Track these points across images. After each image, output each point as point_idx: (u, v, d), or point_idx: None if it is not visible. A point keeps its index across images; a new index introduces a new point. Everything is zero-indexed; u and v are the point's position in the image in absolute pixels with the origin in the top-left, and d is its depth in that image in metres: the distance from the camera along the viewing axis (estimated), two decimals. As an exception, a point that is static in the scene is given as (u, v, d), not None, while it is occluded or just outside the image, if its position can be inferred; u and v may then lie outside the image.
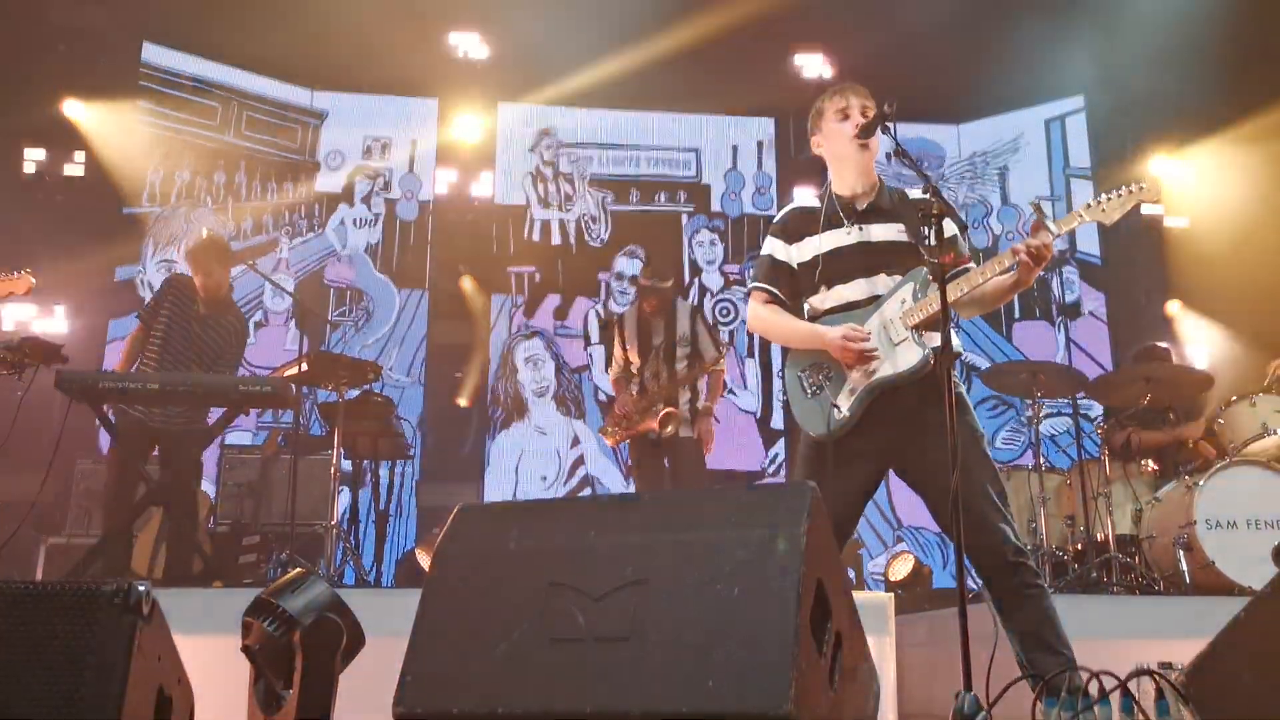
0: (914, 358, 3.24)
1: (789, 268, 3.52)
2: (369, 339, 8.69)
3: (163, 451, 5.68)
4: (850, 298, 3.41)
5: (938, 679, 4.49)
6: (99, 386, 5.05)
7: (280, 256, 8.70)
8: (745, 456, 8.61)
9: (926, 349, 3.23)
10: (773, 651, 2.02)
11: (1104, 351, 9.03)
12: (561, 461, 8.64)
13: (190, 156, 8.72)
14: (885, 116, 3.24)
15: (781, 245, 3.55)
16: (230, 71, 8.91)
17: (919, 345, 3.25)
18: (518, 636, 2.26)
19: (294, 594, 2.49)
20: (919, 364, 3.23)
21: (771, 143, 9.44)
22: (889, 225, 3.42)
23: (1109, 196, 3.24)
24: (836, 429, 3.31)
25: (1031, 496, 5.96)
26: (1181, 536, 5.11)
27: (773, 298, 3.54)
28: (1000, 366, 6.73)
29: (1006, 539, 3.12)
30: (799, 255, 3.50)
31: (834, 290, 3.43)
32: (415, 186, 9.08)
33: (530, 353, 8.87)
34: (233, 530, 6.51)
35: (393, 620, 3.13)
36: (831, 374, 3.39)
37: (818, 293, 3.46)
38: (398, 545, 8.04)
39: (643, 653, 2.13)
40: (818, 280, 3.44)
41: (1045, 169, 9.52)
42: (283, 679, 2.46)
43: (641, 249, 9.05)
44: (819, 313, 3.47)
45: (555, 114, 9.31)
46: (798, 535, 2.16)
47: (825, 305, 3.45)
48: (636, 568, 2.25)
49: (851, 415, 3.30)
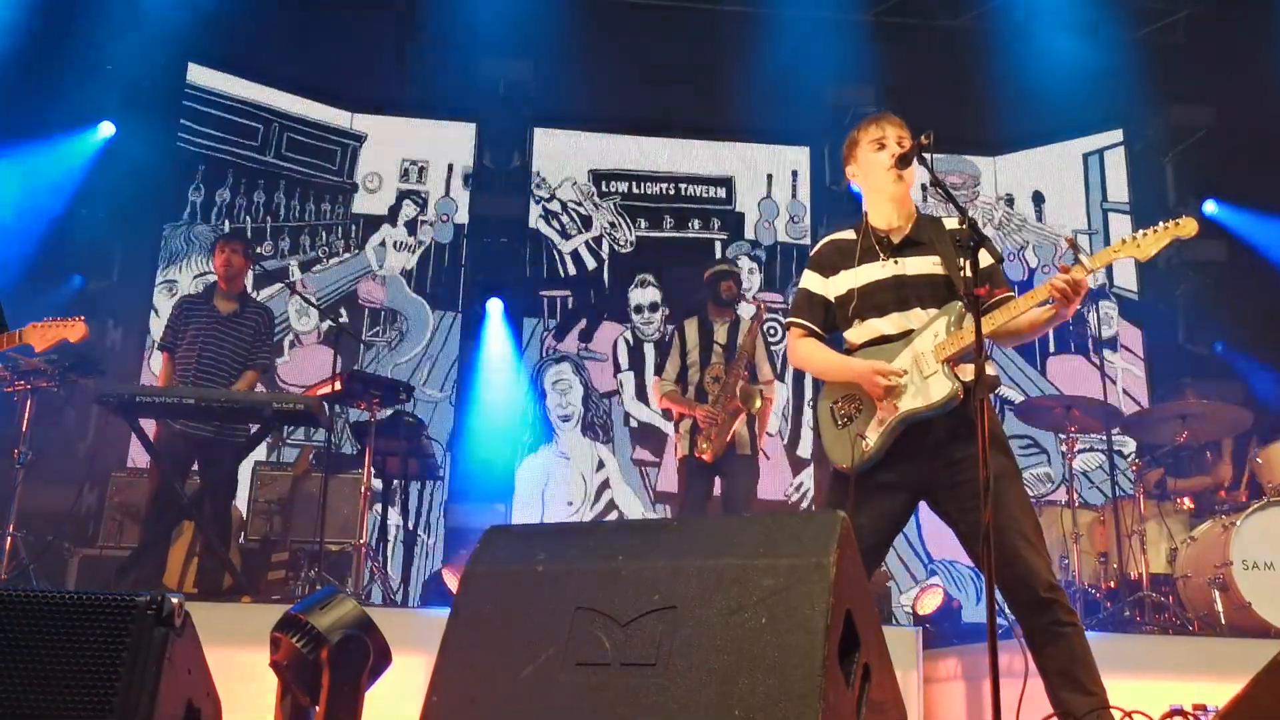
0: (943, 391, 3.21)
1: (825, 300, 3.53)
2: (402, 358, 8.75)
3: (202, 466, 5.74)
4: (884, 331, 3.40)
5: (966, 716, 4.44)
6: (136, 400, 5.11)
7: (297, 278, 8.76)
8: (769, 484, 8.58)
9: (956, 382, 3.20)
10: (800, 681, 2.00)
11: (1140, 387, 8.94)
12: (587, 486, 8.65)
13: (231, 175, 8.86)
14: (922, 147, 3.23)
15: (818, 279, 3.56)
16: (272, 93, 9.05)
17: (949, 379, 3.22)
18: (544, 660, 2.26)
19: (322, 611, 2.50)
20: (947, 397, 3.20)
21: (806, 171, 9.46)
22: (924, 258, 3.40)
23: (1145, 232, 3.21)
24: (861, 461, 3.29)
25: (1064, 533, 5.90)
26: (1217, 577, 5.03)
27: (809, 332, 3.55)
28: (1034, 401, 6.68)
29: (1038, 574, 3.09)
30: (834, 289, 3.50)
31: (868, 324, 3.42)
32: (451, 209, 9.16)
33: (558, 378, 8.89)
34: (262, 546, 6.56)
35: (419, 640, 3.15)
36: (862, 406, 3.38)
37: (852, 326, 3.46)
38: (425, 565, 8.07)
39: (669, 679, 2.12)
40: (851, 315, 3.44)
41: (1083, 203, 9.48)
42: (310, 695, 2.47)
43: (651, 275, 9.06)
44: (854, 346, 3.47)
45: (589, 140, 9.37)
46: (826, 565, 2.15)
47: (860, 339, 3.45)
48: (664, 594, 2.24)
49: (878, 449, 3.29)
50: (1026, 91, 8.67)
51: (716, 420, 5.90)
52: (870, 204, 3.55)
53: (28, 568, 5.45)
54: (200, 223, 8.73)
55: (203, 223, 8.73)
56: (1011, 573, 3.06)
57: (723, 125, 9.26)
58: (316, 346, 8.69)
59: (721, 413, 5.91)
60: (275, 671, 2.55)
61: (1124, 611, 5.44)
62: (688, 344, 6.22)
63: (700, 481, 6.01)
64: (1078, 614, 2.60)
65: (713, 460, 5.87)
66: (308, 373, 8.38)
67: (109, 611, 2.07)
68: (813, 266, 3.59)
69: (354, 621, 2.50)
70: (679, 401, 6.11)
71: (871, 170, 3.46)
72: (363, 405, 6.27)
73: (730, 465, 5.95)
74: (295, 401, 5.41)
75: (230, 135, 8.92)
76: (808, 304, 3.56)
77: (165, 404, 5.16)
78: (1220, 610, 4.99)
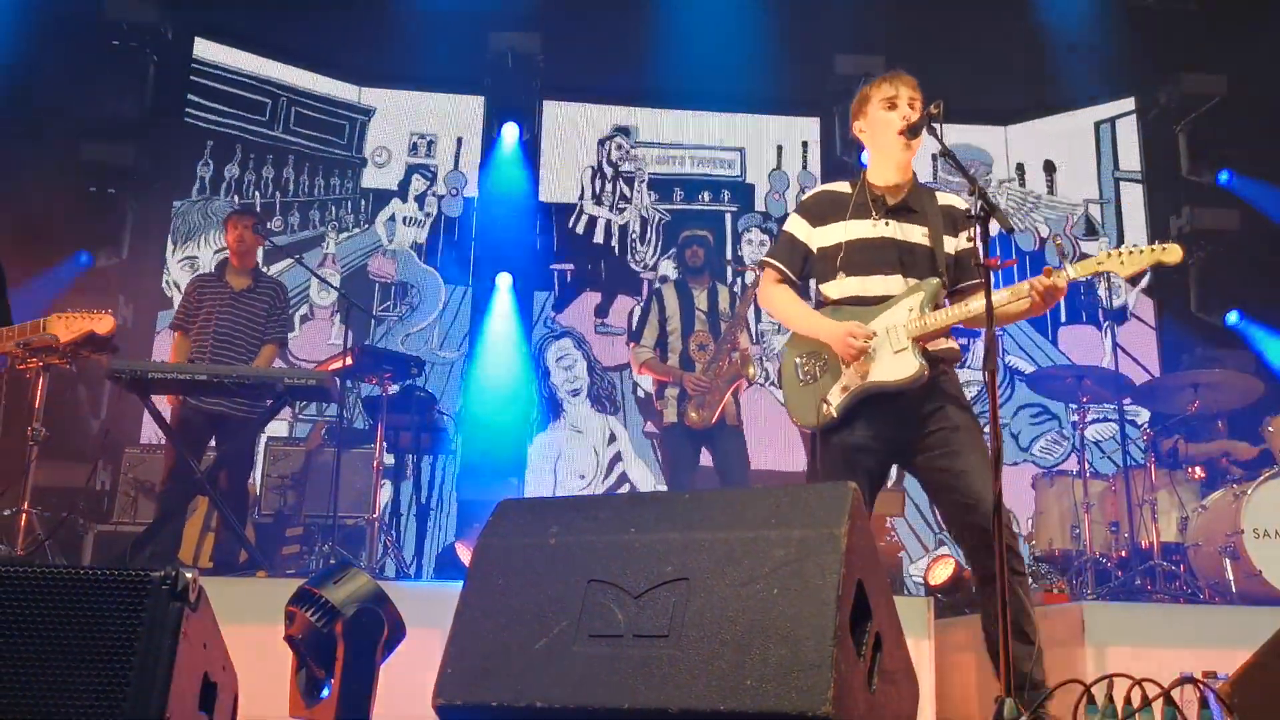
0: (909, 369, 3.25)
1: (806, 250, 3.51)
2: (414, 326, 8.75)
3: (219, 441, 5.77)
4: (862, 292, 3.39)
5: (977, 685, 4.46)
6: (149, 377, 5.13)
7: (327, 253, 8.79)
8: (788, 456, 8.57)
9: (923, 360, 3.25)
10: (811, 651, 2.02)
11: (1152, 357, 8.90)
12: (599, 459, 8.66)
13: (240, 151, 8.85)
14: (932, 117, 3.21)
15: (804, 226, 3.53)
16: (280, 68, 9.02)
17: (917, 358, 3.25)
18: (557, 631, 2.28)
19: (337, 585, 2.52)
20: (913, 377, 3.25)
21: (817, 141, 9.40)
22: (915, 226, 3.40)
23: (1131, 250, 3.22)
24: (821, 424, 3.35)
25: (1075, 502, 5.90)
26: (1228, 545, 5.03)
27: (784, 278, 3.54)
28: (1046, 371, 6.66)
29: None
30: (821, 239, 3.48)
31: (850, 280, 3.41)
32: (460, 183, 9.14)
33: (560, 354, 8.88)
34: (276, 522, 6.60)
35: (433, 613, 3.16)
36: (828, 366, 3.38)
37: (833, 280, 3.44)
38: (438, 539, 8.11)
39: (681, 650, 2.13)
40: (835, 268, 3.43)
41: (1094, 172, 9.41)
42: (324, 668, 2.49)
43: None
44: (829, 301, 3.46)
45: (599, 112, 9.33)
46: (838, 536, 2.16)
47: (836, 295, 3.44)
48: (676, 565, 2.26)
49: (840, 414, 3.32)
50: (1038, 60, 8.59)
51: (709, 388, 5.79)
52: (872, 162, 3.53)
53: (44, 544, 5.48)
54: (218, 197, 8.72)
55: (222, 197, 8.71)
56: (971, 518, 3.15)
57: (733, 96, 9.19)
58: (327, 321, 8.71)
59: (717, 380, 5.81)
60: (290, 645, 2.57)
61: (1135, 580, 5.44)
62: (667, 310, 6.10)
63: (687, 449, 5.89)
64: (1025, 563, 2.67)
65: (701, 429, 5.79)
66: (319, 347, 8.40)
67: (125, 587, 2.09)
68: (801, 212, 3.56)
69: (368, 595, 2.52)
70: (659, 369, 6.00)
71: (880, 129, 3.43)
72: (374, 380, 6.29)
73: (720, 436, 5.87)
74: (307, 377, 5.41)
75: (238, 110, 8.89)
76: (789, 249, 3.54)
77: (177, 380, 5.17)
78: (1231, 579, 5.00)
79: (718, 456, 5.94)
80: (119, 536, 6.37)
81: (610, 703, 2.13)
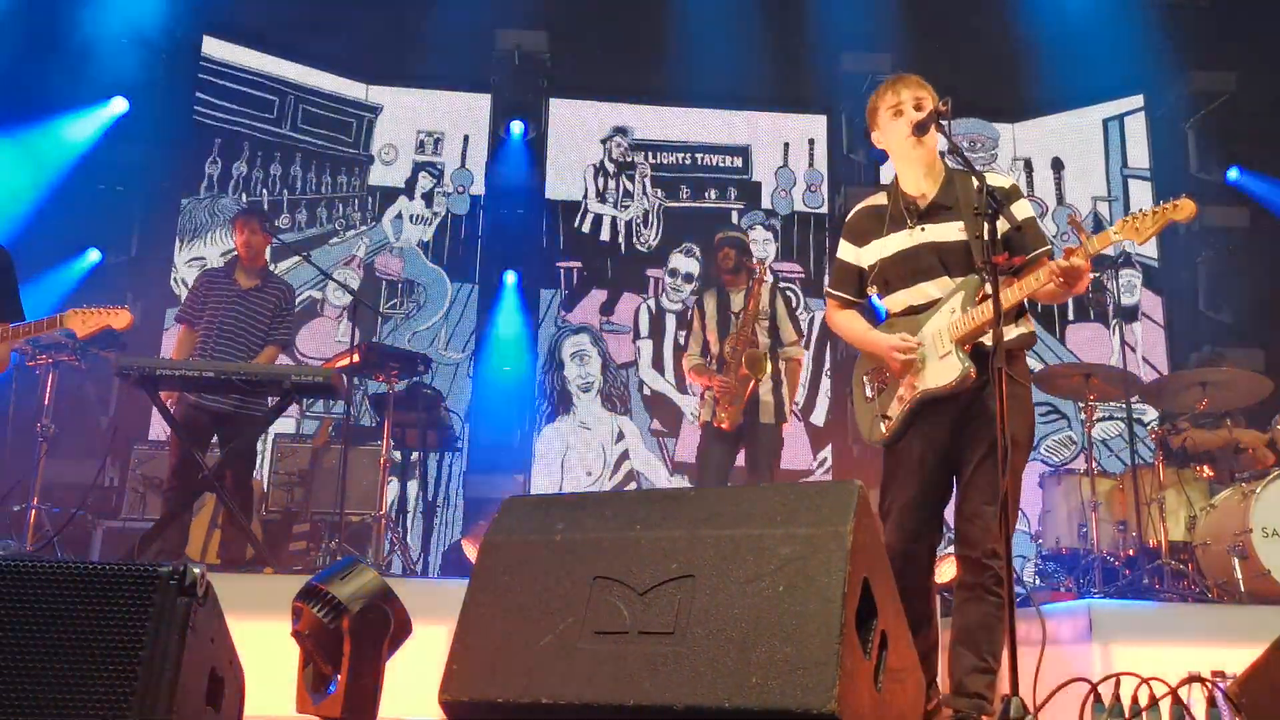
0: (953, 374, 3.25)
1: (858, 269, 3.54)
2: (421, 325, 8.76)
3: (222, 438, 5.77)
4: (911, 302, 3.41)
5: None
6: (156, 373, 5.13)
7: (354, 254, 8.80)
8: (794, 456, 8.57)
9: (966, 364, 3.23)
10: (817, 648, 2.01)
11: (1160, 355, 8.89)
12: (606, 456, 8.66)
13: (248, 148, 8.87)
14: (940, 114, 3.20)
15: (851, 248, 3.57)
16: (288, 66, 9.04)
17: (961, 361, 3.24)
18: (563, 628, 2.28)
19: (343, 581, 2.52)
20: (957, 380, 3.24)
21: (823, 139, 9.39)
22: (949, 224, 3.37)
23: (1143, 213, 3.20)
24: (880, 439, 3.39)
25: (1083, 501, 5.88)
26: (1237, 544, 5.01)
27: (844, 303, 3.58)
28: (1053, 369, 6.65)
29: (988, 538, 3.14)
30: (868, 258, 3.51)
31: (900, 294, 3.43)
32: (467, 181, 9.15)
33: (577, 348, 8.89)
34: (283, 518, 6.60)
35: (439, 609, 3.17)
36: (889, 380, 3.43)
37: (887, 295, 3.48)
38: (445, 536, 8.12)
39: (687, 647, 2.13)
40: (886, 281, 3.46)
41: (1103, 169, 9.39)
42: (331, 664, 2.49)
43: (698, 246, 9.02)
44: (891, 314, 3.50)
45: (606, 110, 9.33)
46: (844, 533, 2.15)
47: (893, 309, 3.48)
48: (682, 563, 2.26)
49: (899, 427, 3.35)
50: (1046, 57, 8.57)
51: (728, 389, 5.83)
52: (898, 169, 3.53)
53: (52, 539, 5.51)
54: (225, 195, 8.74)
55: (229, 195, 8.73)
56: (970, 527, 3.19)
57: (739, 94, 9.19)
58: (335, 320, 8.72)
59: (732, 380, 5.83)
60: (297, 641, 2.57)
61: (1143, 579, 5.43)
62: (706, 316, 6.17)
63: (720, 449, 5.92)
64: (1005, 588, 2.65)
65: (731, 429, 5.85)
66: (326, 344, 8.41)
67: (133, 581, 2.09)
68: (846, 235, 3.61)
69: (374, 591, 2.52)
70: (703, 373, 6.06)
71: (892, 137, 3.44)
72: (381, 377, 6.29)
73: (752, 434, 5.88)
74: (314, 374, 5.41)
75: (246, 108, 8.91)
76: (841, 275, 3.60)
77: (185, 377, 5.17)
78: (1239, 578, 4.98)
79: (747, 455, 5.97)
80: (127, 532, 6.38)
81: (615, 699, 2.13)
